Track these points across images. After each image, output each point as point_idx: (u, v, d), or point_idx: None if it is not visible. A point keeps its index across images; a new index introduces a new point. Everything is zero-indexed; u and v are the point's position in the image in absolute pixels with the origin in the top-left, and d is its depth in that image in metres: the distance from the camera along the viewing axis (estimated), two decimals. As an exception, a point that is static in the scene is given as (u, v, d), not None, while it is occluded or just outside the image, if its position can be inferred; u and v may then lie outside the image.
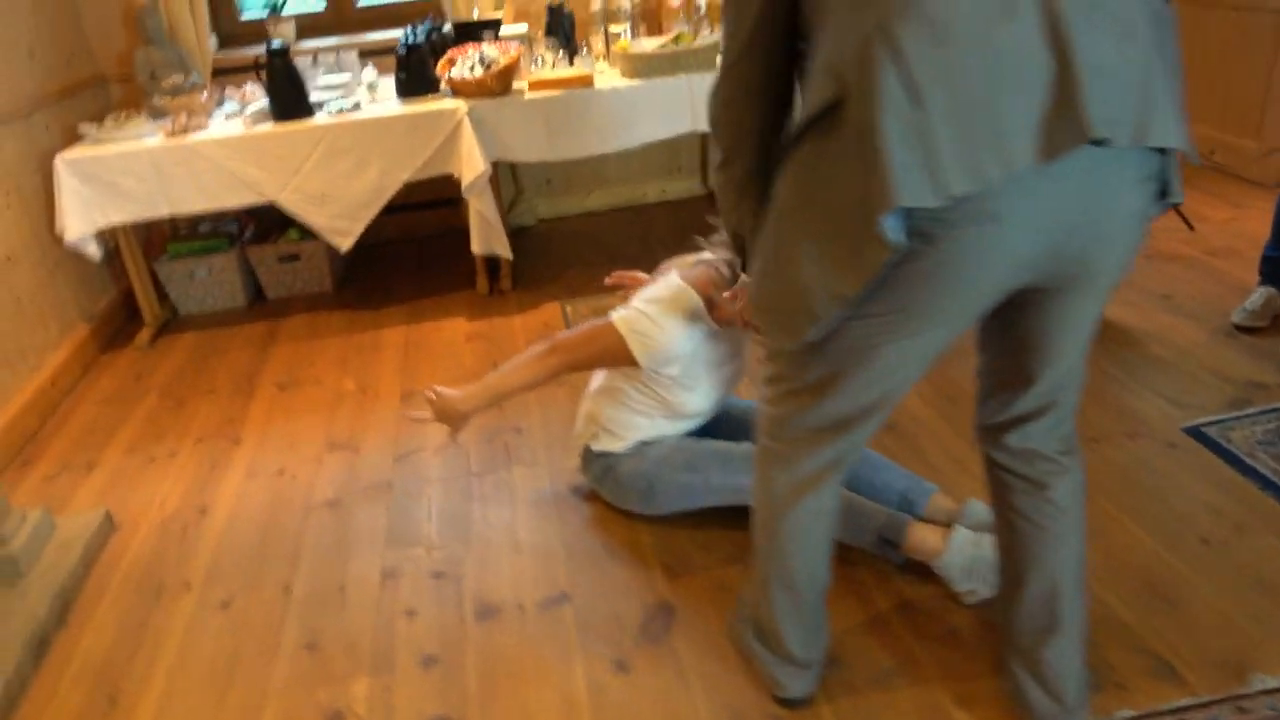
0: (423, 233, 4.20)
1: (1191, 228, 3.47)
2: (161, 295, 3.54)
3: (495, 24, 3.43)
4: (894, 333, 1.17)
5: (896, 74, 0.99)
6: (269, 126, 3.11)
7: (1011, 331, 1.27)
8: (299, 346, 3.21)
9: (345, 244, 3.26)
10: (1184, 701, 1.52)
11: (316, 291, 3.68)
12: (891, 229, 1.03)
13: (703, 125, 3.16)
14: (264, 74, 3.12)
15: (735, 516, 2.06)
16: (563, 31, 3.45)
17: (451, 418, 2.02)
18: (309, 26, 4.00)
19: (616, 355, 1.90)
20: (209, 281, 3.56)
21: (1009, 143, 1.00)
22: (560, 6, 3.48)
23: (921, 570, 1.82)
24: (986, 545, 1.71)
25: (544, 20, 3.54)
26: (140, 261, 3.38)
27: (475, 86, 3.11)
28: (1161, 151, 1.09)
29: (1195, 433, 2.21)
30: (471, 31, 3.42)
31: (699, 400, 1.99)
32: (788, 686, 1.58)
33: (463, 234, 3.28)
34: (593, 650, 1.76)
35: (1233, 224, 3.44)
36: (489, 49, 3.19)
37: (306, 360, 3.10)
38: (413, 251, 4.04)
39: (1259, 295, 2.70)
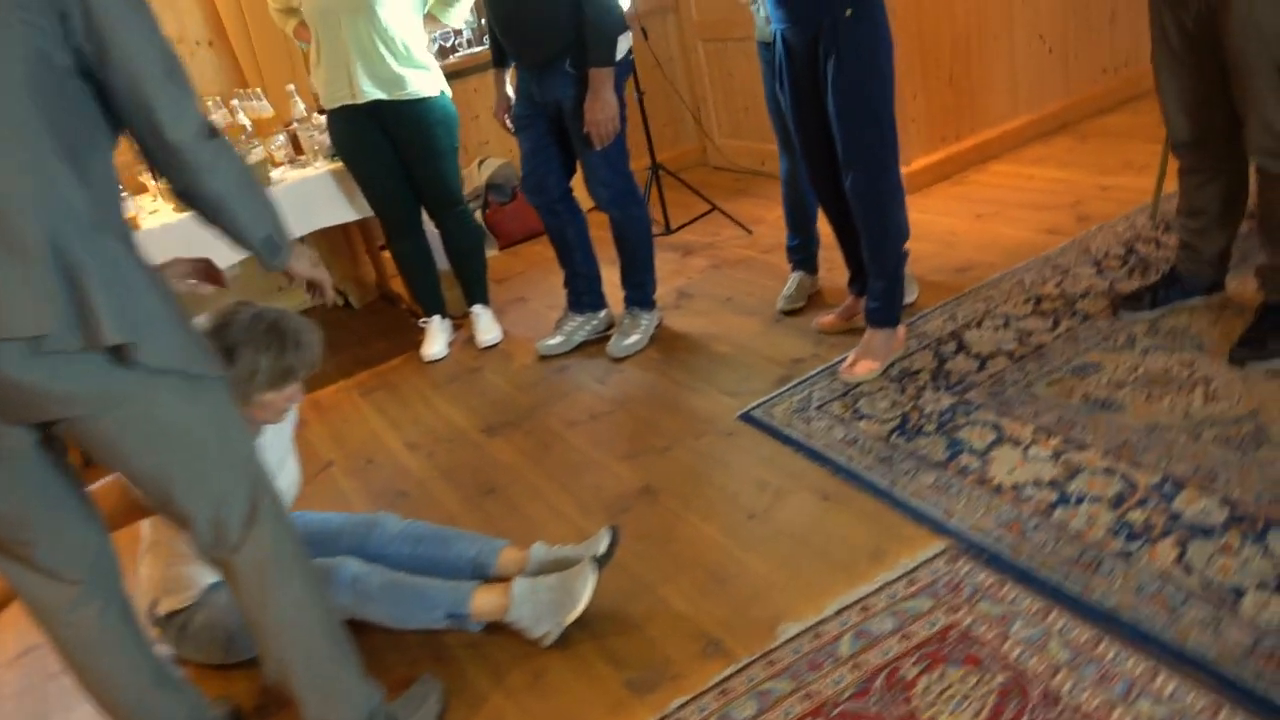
0: None
1: (750, 231, 3.90)
2: None
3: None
4: None
5: None
6: None
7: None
8: None
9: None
10: (727, 672, 1.65)
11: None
12: None
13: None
14: None
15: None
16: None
17: None
18: None
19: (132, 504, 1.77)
20: None
21: None
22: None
23: (502, 627, 1.87)
24: (544, 586, 1.79)
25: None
26: None
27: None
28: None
29: (747, 417, 2.45)
30: None
31: None
32: None
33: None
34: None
35: (782, 221, 3.88)
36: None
37: None
38: None
39: (792, 281, 3.06)
